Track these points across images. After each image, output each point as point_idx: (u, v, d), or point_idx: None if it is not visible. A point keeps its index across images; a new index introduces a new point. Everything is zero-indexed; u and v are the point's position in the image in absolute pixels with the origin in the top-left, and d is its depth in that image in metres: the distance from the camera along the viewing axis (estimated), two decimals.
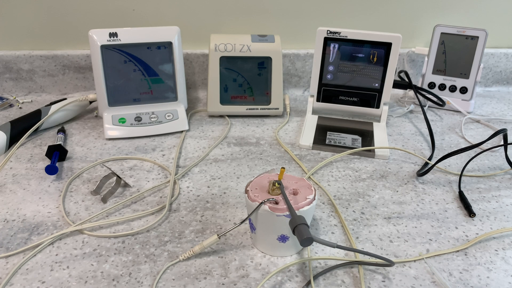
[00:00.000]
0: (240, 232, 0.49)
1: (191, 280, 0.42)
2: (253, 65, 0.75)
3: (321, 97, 0.74)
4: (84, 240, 0.47)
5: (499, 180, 0.60)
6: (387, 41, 0.68)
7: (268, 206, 0.41)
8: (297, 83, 0.90)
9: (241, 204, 0.54)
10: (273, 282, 0.42)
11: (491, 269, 0.44)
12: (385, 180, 0.59)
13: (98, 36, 0.67)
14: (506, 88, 0.95)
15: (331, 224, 0.50)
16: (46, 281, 0.42)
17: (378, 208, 0.53)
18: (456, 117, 0.80)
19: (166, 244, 0.47)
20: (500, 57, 0.92)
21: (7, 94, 0.84)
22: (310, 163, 0.63)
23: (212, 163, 0.62)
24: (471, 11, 0.89)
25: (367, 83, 0.71)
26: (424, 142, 0.70)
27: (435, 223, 0.51)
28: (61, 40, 0.84)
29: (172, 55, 0.71)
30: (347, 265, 0.44)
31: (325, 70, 0.72)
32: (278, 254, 0.45)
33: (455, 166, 0.63)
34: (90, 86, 0.86)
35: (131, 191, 0.56)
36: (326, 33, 0.70)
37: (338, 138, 0.68)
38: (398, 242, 0.48)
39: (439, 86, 0.83)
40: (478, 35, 0.78)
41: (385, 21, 0.88)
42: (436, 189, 0.58)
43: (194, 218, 0.51)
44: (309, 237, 0.37)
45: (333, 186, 0.58)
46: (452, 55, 0.81)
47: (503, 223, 0.51)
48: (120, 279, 0.42)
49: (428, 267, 0.44)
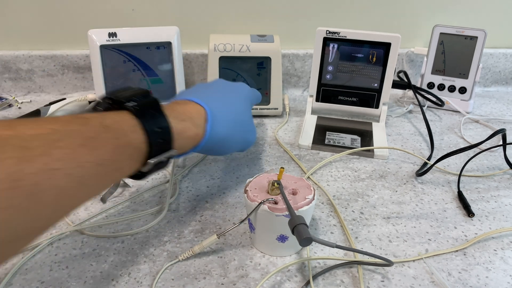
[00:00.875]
0: (239, 232, 0.49)
1: (190, 280, 0.42)
2: (252, 65, 0.75)
3: (320, 97, 0.74)
4: (84, 240, 0.47)
5: (498, 180, 0.60)
6: (386, 41, 0.68)
7: (267, 206, 0.42)
8: (297, 83, 0.90)
9: (240, 204, 0.54)
10: (272, 282, 0.42)
11: (490, 269, 0.44)
12: (384, 180, 0.59)
13: (97, 36, 0.67)
14: (505, 88, 0.95)
15: (330, 224, 0.50)
16: (45, 281, 0.42)
17: (377, 208, 0.53)
18: (455, 117, 0.80)
19: (166, 244, 0.47)
20: (499, 57, 0.92)
21: (6, 94, 0.84)
22: (309, 163, 0.63)
23: (212, 163, 0.62)
24: (470, 11, 0.89)
25: (366, 83, 0.71)
26: (423, 142, 0.70)
27: (434, 223, 0.51)
28: (60, 40, 0.84)
29: (172, 55, 0.71)
30: (346, 265, 0.44)
31: (324, 70, 0.72)
32: (277, 254, 0.45)
33: (454, 166, 0.63)
34: (89, 86, 0.86)
35: (130, 191, 0.56)
36: (325, 33, 0.70)
37: (337, 138, 0.68)
38: (397, 242, 0.48)
39: (438, 86, 0.83)
40: (477, 35, 0.78)
41: (384, 21, 0.88)
42: (435, 189, 0.58)
43: (193, 218, 0.51)
44: (308, 237, 0.37)
45: (332, 186, 0.58)
46: (451, 55, 0.81)
47: (502, 223, 0.51)
48: (120, 279, 0.42)
49: (427, 267, 0.44)
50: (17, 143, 0.27)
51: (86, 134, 0.32)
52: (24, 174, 0.26)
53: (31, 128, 0.29)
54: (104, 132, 0.33)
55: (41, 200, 0.28)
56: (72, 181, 0.30)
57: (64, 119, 0.32)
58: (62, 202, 0.30)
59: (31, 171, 0.27)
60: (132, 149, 0.36)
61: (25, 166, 0.27)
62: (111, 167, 0.34)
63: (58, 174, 0.29)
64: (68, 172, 0.29)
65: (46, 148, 0.28)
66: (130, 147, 0.35)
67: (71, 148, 0.30)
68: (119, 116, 0.36)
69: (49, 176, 0.28)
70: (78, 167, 0.30)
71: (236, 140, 0.50)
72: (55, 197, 0.29)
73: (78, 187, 0.31)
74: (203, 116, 0.45)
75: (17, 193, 0.26)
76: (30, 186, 0.27)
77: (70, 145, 0.30)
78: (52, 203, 0.29)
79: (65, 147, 0.30)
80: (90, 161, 0.31)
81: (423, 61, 0.84)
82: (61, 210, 0.31)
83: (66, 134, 0.30)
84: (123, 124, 0.35)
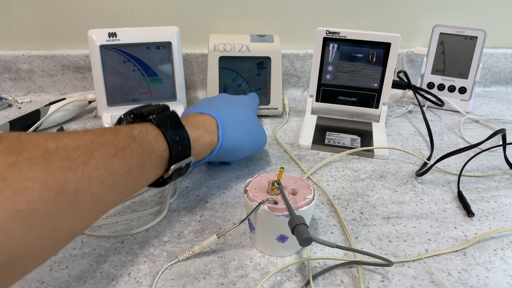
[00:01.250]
0: (239, 232, 0.49)
1: (190, 280, 0.42)
2: (252, 65, 0.75)
3: (320, 97, 0.74)
4: (83, 240, 0.47)
5: (498, 180, 0.60)
6: (386, 41, 0.68)
7: (267, 206, 0.42)
8: (296, 83, 0.90)
9: (240, 204, 0.54)
10: (272, 282, 0.42)
11: (490, 269, 0.44)
12: (384, 180, 0.59)
13: (97, 36, 0.67)
14: (505, 88, 0.95)
15: (330, 224, 0.50)
16: (45, 281, 0.42)
17: (377, 208, 0.53)
18: (455, 117, 0.80)
19: (165, 244, 0.47)
20: (499, 57, 0.92)
21: (6, 94, 0.84)
22: (309, 163, 0.63)
23: (212, 163, 0.62)
24: (470, 11, 0.89)
25: (366, 83, 0.71)
26: (423, 142, 0.70)
27: (434, 223, 0.51)
28: (60, 40, 0.84)
29: (171, 55, 0.71)
30: (346, 265, 0.44)
31: (324, 70, 0.72)
32: (277, 254, 0.45)
33: (454, 166, 0.63)
34: (89, 86, 0.86)
35: None
36: (325, 33, 0.70)
37: (337, 138, 0.68)
38: (397, 242, 0.48)
39: (438, 86, 0.83)
40: (477, 35, 0.78)
41: (384, 21, 0.88)
42: (435, 189, 0.58)
43: (193, 218, 0.51)
44: (308, 237, 0.37)
45: (332, 186, 0.58)
46: (451, 55, 0.81)
47: (502, 223, 0.51)
48: (119, 279, 0.42)
49: (427, 267, 0.44)
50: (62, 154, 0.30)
51: (118, 144, 0.35)
52: (68, 182, 0.30)
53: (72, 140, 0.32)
54: (132, 142, 0.37)
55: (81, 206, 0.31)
56: (105, 187, 0.33)
57: (98, 131, 0.36)
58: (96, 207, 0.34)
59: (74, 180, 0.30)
60: (156, 157, 0.40)
61: (69, 175, 0.30)
62: (138, 173, 0.38)
63: (94, 182, 0.32)
64: (102, 179, 0.32)
65: (85, 158, 0.32)
66: (154, 155, 0.39)
67: (105, 158, 0.33)
68: (144, 127, 0.40)
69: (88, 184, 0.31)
70: (111, 175, 0.33)
71: (248, 143, 0.55)
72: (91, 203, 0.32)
73: (109, 193, 0.34)
74: (215, 124, 0.49)
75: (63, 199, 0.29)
76: (73, 193, 0.30)
77: (105, 155, 0.33)
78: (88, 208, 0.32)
79: (100, 157, 0.33)
80: (120, 169, 0.35)
81: (423, 61, 0.84)
82: (94, 215, 0.35)
83: (101, 145, 0.34)
84: (148, 134, 0.39)
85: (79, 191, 0.30)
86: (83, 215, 0.32)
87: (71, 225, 0.31)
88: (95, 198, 0.32)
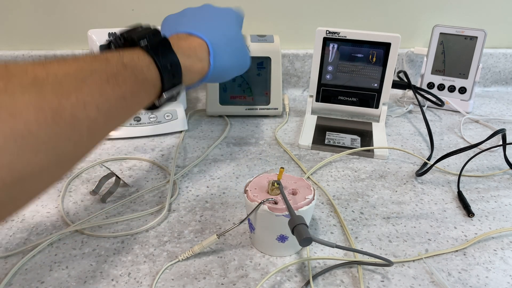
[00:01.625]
0: (239, 232, 0.49)
1: (190, 280, 0.42)
2: (252, 65, 0.74)
3: (320, 97, 0.74)
4: (83, 240, 0.47)
5: (497, 180, 0.60)
6: (386, 41, 0.68)
7: (267, 206, 0.42)
8: (296, 83, 0.90)
9: (240, 204, 0.54)
10: (272, 282, 0.42)
11: (490, 269, 0.44)
12: (384, 180, 0.59)
13: (98, 36, 0.67)
14: (505, 88, 0.95)
15: (330, 224, 0.50)
16: (45, 281, 0.42)
17: (377, 208, 0.53)
18: (455, 117, 0.80)
19: (165, 244, 0.47)
20: (499, 57, 0.92)
21: None
22: (309, 163, 0.63)
23: (211, 163, 0.62)
24: (470, 11, 0.89)
25: (366, 83, 0.71)
26: (423, 142, 0.70)
27: (434, 223, 0.51)
28: (60, 40, 0.84)
29: None
30: (346, 265, 0.44)
31: (324, 70, 0.72)
32: (277, 254, 0.45)
33: (454, 166, 0.63)
34: None
35: (130, 191, 0.56)
36: (325, 33, 0.70)
37: (337, 138, 0.68)
38: (397, 242, 0.48)
39: (438, 86, 0.83)
40: (477, 35, 0.78)
41: (384, 21, 0.88)
42: (435, 189, 0.58)
43: (193, 218, 0.51)
44: (308, 237, 0.37)
45: (332, 186, 0.58)
46: (451, 55, 0.81)
47: (502, 223, 0.51)
48: (119, 279, 0.42)
49: (427, 267, 0.44)
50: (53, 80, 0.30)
51: (110, 71, 0.35)
52: (63, 107, 0.30)
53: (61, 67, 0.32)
54: (123, 70, 0.37)
55: (79, 130, 0.31)
56: (101, 113, 0.33)
57: (88, 58, 0.35)
58: (94, 133, 0.34)
59: (68, 104, 0.30)
60: (148, 84, 0.40)
61: (62, 100, 0.30)
62: (132, 100, 0.38)
63: (89, 107, 0.32)
64: (97, 105, 0.33)
65: (78, 85, 0.32)
66: (146, 83, 0.40)
67: (98, 85, 0.33)
68: (135, 55, 0.39)
69: (83, 108, 0.31)
70: (105, 101, 0.34)
71: (235, 65, 0.54)
72: (88, 128, 0.32)
73: (106, 119, 0.35)
74: (206, 50, 0.48)
75: (60, 123, 0.29)
76: (69, 117, 0.30)
77: (96, 82, 0.33)
78: (86, 133, 0.33)
79: (92, 83, 0.33)
80: (115, 96, 0.35)
81: (423, 61, 0.84)
82: (93, 140, 0.35)
83: (92, 72, 0.34)
84: (139, 62, 0.39)
85: (75, 115, 0.31)
86: (83, 140, 0.33)
87: (73, 149, 0.32)
88: (92, 123, 0.33)
